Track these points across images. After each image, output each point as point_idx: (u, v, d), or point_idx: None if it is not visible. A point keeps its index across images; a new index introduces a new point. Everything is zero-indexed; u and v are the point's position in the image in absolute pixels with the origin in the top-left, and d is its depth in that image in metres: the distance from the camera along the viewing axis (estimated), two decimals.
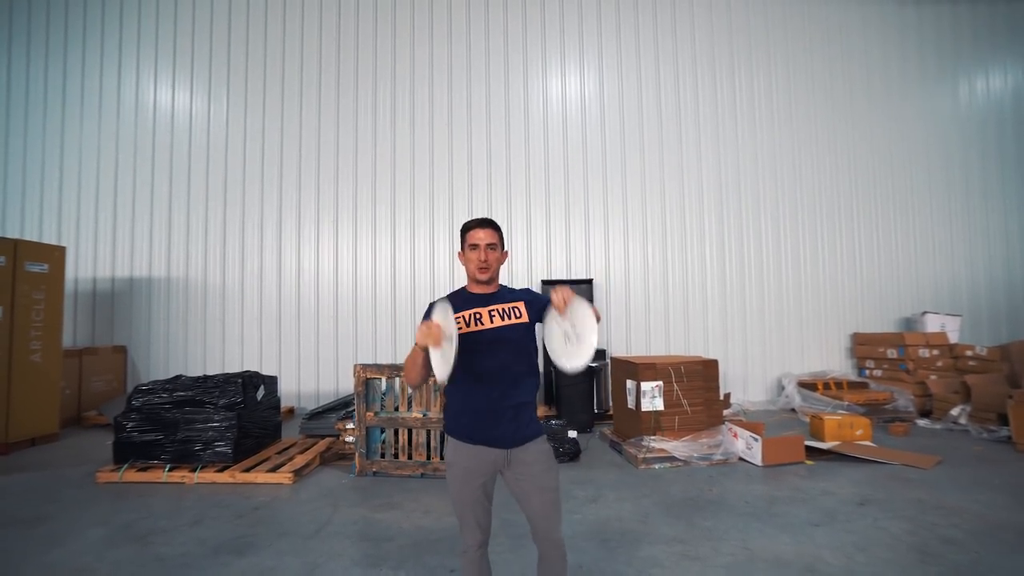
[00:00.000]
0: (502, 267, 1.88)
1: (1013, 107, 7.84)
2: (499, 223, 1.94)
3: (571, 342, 1.60)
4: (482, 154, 6.93)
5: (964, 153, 7.67)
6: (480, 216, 1.99)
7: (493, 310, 1.75)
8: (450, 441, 1.77)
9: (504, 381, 1.71)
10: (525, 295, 1.84)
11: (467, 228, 1.81)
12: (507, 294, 1.83)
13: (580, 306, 1.59)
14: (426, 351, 1.60)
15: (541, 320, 1.76)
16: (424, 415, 4.01)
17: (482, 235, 1.76)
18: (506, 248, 1.85)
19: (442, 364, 1.54)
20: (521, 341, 1.75)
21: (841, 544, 2.71)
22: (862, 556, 2.57)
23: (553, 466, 1.76)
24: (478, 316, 1.73)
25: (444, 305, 1.64)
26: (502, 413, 1.69)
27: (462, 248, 1.82)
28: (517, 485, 1.73)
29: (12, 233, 6.70)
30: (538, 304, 1.81)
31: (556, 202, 6.93)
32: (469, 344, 1.67)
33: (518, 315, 1.75)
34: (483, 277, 1.76)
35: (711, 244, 7.06)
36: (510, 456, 1.71)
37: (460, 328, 1.67)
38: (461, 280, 6.73)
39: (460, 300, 1.77)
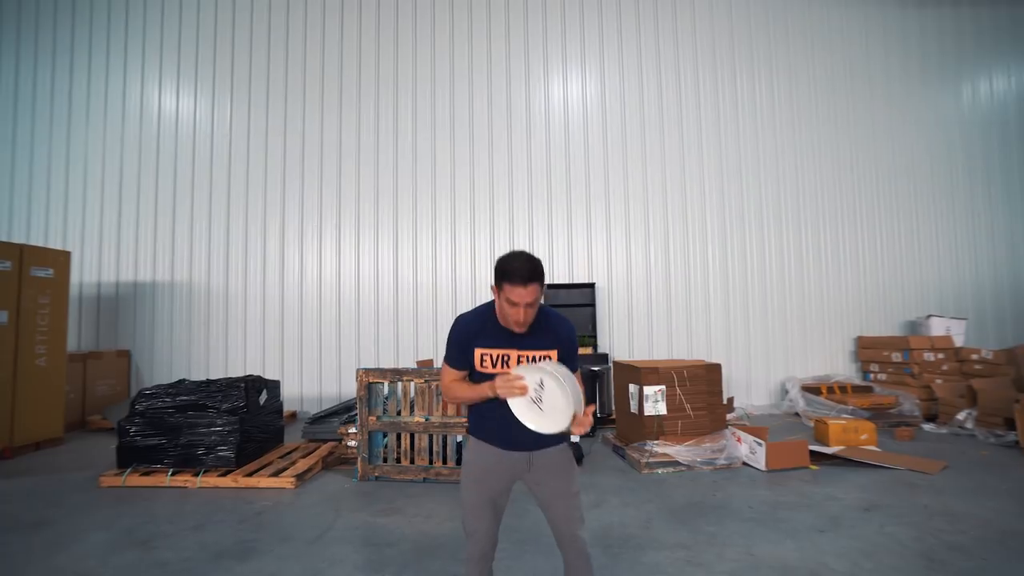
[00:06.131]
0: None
1: (1017, 109, 7.80)
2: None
3: (534, 409, 1.57)
4: (484, 158, 6.95)
5: (968, 155, 7.64)
6: (520, 256, 1.61)
7: (523, 355, 1.69)
8: (472, 441, 1.80)
9: None
10: (559, 343, 1.73)
11: (507, 278, 1.58)
12: (541, 334, 1.71)
13: (555, 391, 1.54)
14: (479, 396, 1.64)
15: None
16: (426, 419, 4.00)
17: (523, 293, 1.56)
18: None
19: (529, 414, 1.54)
20: None
21: (847, 550, 2.69)
22: (868, 563, 2.55)
23: (574, 471, 1.80)
24: (506, 358, 1.69)
25: (526, 369, 1.58)
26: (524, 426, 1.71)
27: (497, 287, 1.63)
28: (540, 491, 1.77)
29: (18, 238, 6.75)
30: (570, 359, 1.76)
31: (558, 206, 6.93)
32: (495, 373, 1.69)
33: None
34: (519, 331, 1.67)
35: (714, 247, 7.04)
36: (532, 459, 1.74)
37: (486, 368, 1.68)
38: (463, 284, 6.75)
39: (490, 332, 1.70)
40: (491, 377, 1.65)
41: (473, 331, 1.71)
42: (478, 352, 1.70)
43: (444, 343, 1.82)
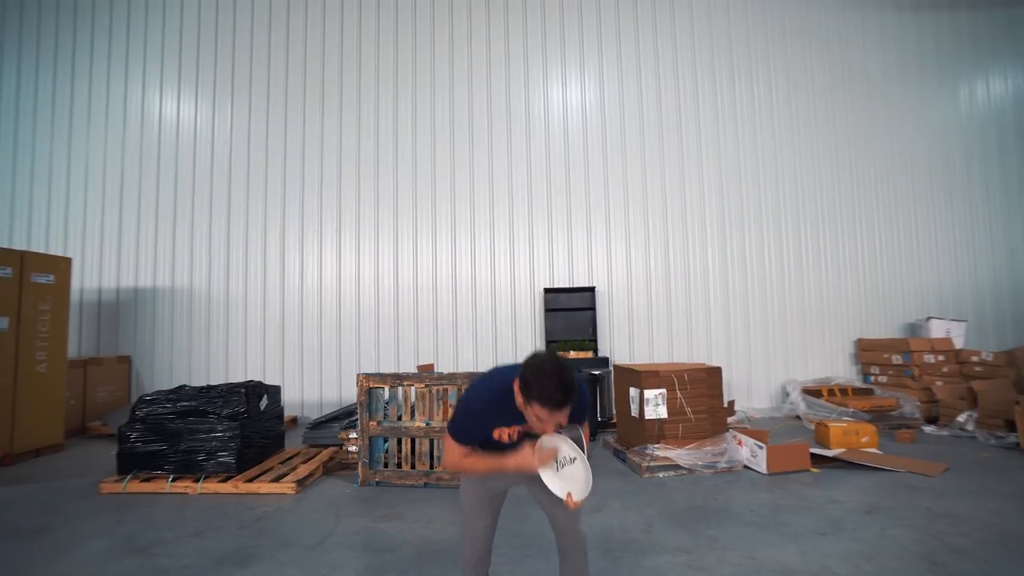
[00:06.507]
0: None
1: (1014, 111, 7.83)
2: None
3: (552, 468, 1.70)
4: (484, 162, 6.97)
5: (966, 157, 7.66)
6: (551, 375, 1.50)
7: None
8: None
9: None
10: (570, 412, 1.71)
11: (538, 400, 1.52)
12: None
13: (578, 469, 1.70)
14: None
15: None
16: (427, 424, 4.00)
17: (557, 416, 1.55)
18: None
19: (547, 469, 1.68)
20: None
21: (848, 553, 2.68)
22: (870, 565, 2.55)
23: None
24: (523, 433, 1.75)
25: (554, 440, 1.68)
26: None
27: (524, 400, 1.57)
28: (542, 495, 1.81)
29: (19, 244, 6.76)
30: (581, 415, 1.81)
31: (558, 209, 6.94)
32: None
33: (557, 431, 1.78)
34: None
35: (713, 250, 7.05)
36: None
37: (501, 439, 1.74)
38: (464, 286, 6.74)
39: (508, 412, 1.68)
40: (503, 446, 1.73)
41: (493, 415, 1.71)
42: (496, 432, 1.73)
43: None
